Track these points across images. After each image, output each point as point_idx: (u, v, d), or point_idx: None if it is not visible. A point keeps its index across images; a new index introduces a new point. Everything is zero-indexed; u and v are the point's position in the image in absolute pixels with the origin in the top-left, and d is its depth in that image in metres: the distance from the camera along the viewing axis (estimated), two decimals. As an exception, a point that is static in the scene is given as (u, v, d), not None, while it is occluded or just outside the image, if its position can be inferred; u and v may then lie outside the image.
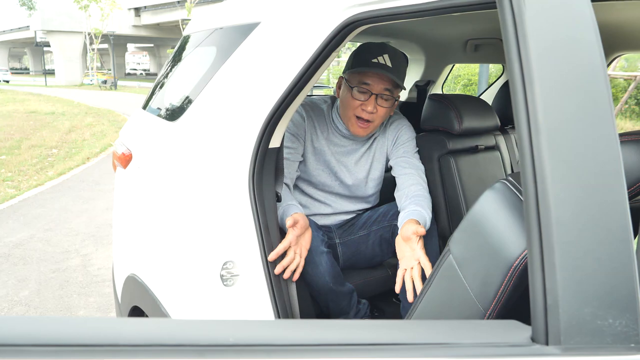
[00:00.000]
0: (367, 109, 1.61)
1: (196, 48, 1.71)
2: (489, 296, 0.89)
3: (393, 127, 1.78)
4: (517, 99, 0.55)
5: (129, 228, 1.74)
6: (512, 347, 0.47)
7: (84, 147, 9.40)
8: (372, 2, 1.04)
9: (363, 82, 1.60)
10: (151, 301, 1.51)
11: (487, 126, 1.77)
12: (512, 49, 0.55)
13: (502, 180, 0.93)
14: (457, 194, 1.67)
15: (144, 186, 1.62)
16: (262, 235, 1.26)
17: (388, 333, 0.50)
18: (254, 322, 0.56)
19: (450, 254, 0.94)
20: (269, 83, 1.24)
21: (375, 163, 1.79)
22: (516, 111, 0.56)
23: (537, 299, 0.49)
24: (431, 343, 0.47)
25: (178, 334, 0.46)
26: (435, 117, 1.73)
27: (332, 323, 0.54)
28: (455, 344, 0.47)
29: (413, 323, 0.60)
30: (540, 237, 0.51)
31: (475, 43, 2.30)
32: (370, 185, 1.81)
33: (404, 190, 1.63)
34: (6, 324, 0.54)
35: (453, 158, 1.68)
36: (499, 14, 0.59)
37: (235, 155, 1.30)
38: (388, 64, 1.57)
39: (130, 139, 1.92)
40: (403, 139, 1.75)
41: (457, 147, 1.72)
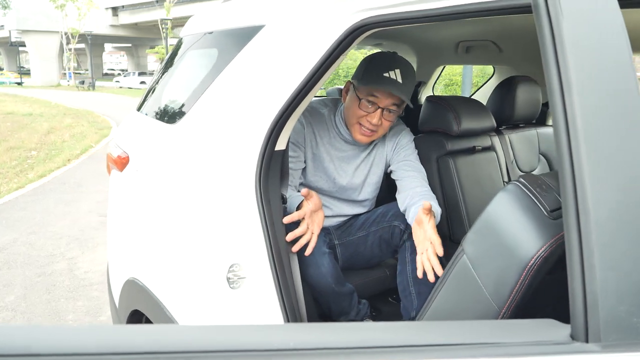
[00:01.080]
0: (372, 121, 1.62)
1: (194, 50, 1.71)
2: (503, 295, 0.91)
3: (392, 133, 1.79)
4: (555, 104, 0.57)
5: (128, 231, 1.73)
6: (554, 345, 0.49)
7: (64, 148, 9.24)
8: (382, 6, 1.05)
9: (372, 94, 1.61)
10: (154, 305, 1.50)
11: (484, 127, 1.80)
12: (550, 55, 0.57)
13: (514, 182, 0.95)
14: (456, 194, 1.69)
15: (145, 189, 1.61)
16: (270, 238, 1.26)
17: (431, 334, 0.52)
18: (293, 325, 0.57)
19: (464, 254, 0.96)
20: (275, 86, 1.25)
21: (374, 168, 1.80)
22: (554, 115, 0.58)
23: (576, 298, 0.50)
24: (476, 343, 0.48)
25: (242, 339, 0.46)
26: (433, 119, 1.75)
27: (378, 325, 0.55)
28: (500, 344, 0.48)
29: (450, 324, 0.62)
30: (579, 239, 0.53)
31: (466, 45, 2.33)
32: (367, 190, 1.82)
33: (409, 192, 1.65)
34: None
35: (452, 159, 1.71)
36: (535, 21, 0.61)
37: (241, 158, 1.31)
38: (399, 79, 1.58)
39: (126, 141, 1.90)
40: (403, 142, 1.77)
41: (456, 148, 1.75)
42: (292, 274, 1.32)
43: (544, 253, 0.87)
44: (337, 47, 1.14)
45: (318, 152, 1.74)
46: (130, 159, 1.80)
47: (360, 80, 1.63)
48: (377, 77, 1.59)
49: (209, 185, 1.39)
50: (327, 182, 1.77)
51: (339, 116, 1.76)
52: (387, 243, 1.78)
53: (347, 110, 1.69)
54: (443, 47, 2.43)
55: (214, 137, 1.40)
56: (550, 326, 0.55)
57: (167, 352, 0.50)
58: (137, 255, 1.65)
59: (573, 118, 0.55)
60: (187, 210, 1.42)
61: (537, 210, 0.91)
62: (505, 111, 1.92)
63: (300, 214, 1.39)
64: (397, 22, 1.07)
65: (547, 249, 0.88)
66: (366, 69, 1.62)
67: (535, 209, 0.91)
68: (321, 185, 1.76)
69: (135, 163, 1.74)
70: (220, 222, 1.34)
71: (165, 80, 1.84)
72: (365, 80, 1.61)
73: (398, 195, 1.71)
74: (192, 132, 1.48)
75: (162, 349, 0.50)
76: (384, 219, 1.79)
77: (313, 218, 1.44)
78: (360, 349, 0.47)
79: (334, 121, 1.76)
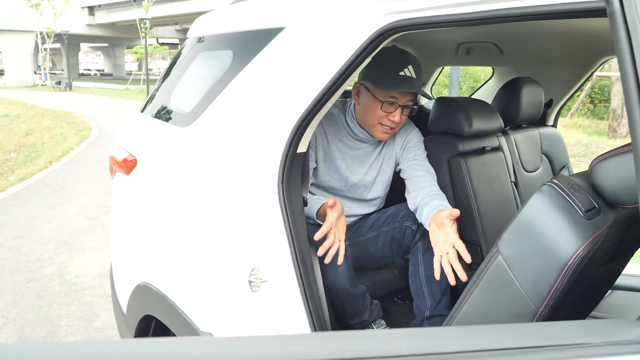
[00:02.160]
0: (395, 120, 1.65)
1: (205, 52, 1.69)
2: (542, 294, 0.93)
3: (402, 132, 1.81)
4: (633, 109, 0.58)
5: (138, 235, 1.71)
6: (634, 345, 0.50)
7: (45, 150, 9.07)
8: (412, 10, 1.05)
9: (391, 95, 1.63)
10: (170, 309, 1.49)
11: (493, 128, 1.83)
12: (627, 60, 0.58)
13: (548, 183, 0.97)
14: (467, 194, 1.71)
15: (158, 192, 1.59)
16: (293, 240, 1.26)
17: (518, 337, 0.52)
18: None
19: (499, 255, 0.98)
20: (298, 89, 1.25)
21: (384, 166, 1.82)
22: (631, 117, 0.59)
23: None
24: (563, 345, 0.49)
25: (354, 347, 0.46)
26: (444, 120, 1.77)
27: (458, 330, 0.55)
28: (585, 344, 0.49)
29: (532, 326, 0.63)
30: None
31: (467, 46, 2.36)
32: (378, 187, 1.84)
33: (419, 191, 1.66)
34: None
35: (463, 159, 1.73)
36: (611, 28, 0.62)
37: (262, 160, 1.30)
38: (413, 75, 1.61)
39: (132, 144, 1.88)
40: (413, 142, 1.79)
41: (467, 148, 1.77)
42: (315, 276, 1.32)
43: (582, 252, 0.89)
44: (364, 50, 1.15)
45: (330, 152, 1.74)
46: (138, 161, 1.77)
47: (377, 83, 1.63)
48: (394, 78, 1.61)
49: (228, 188, 1.38)
50: (339, 180, 1.77)
51: (349, 116, 1.77)
52: (398, 243, 1.79)
53: (365, 111, 1.70)
54: (444, 49, 2.45)
55: (233, 139, 1.39)
56: (626, 326, 0.56)
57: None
58: (150, 260, 1.63)
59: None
60: (207, 213, 1.41)
61: (572, 210, 0.93)
62: (510, 112, 1.95)
63: (328, 226, 1.40)
64: (426, 25, 1.08)
65: (585, 249, 0.90)
66: (380, 69, 1.62)
67: (571, 210, 0.93)
68: (333, 184, 1.77)
69: (144, 166, 1.72)
70: (242, 225, 1.34)
71: (173, 82, 1.82)
72: (384, 83, 1.62)
73: (408, 195, 1.73)
74: (209, 135, 1.47)
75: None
76: (395, 219, 1.80)
77: (338, 226, 1.45)
78: (457, 353, 0.47)
79: (344, 121, 1.77)
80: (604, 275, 1.20)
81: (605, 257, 1.07)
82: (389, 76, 1.62)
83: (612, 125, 9.47)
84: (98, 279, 3.72)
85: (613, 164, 0.96)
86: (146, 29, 25.10)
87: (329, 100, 1.23)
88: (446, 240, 1.35)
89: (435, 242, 1.40)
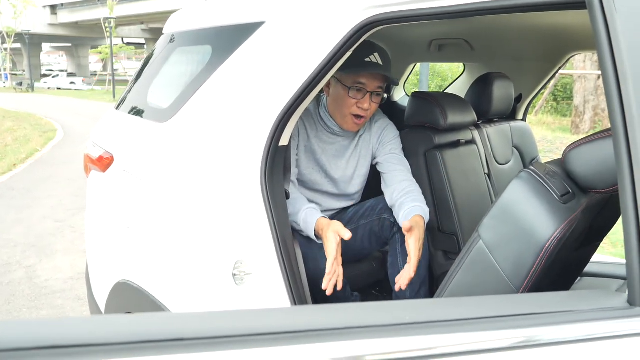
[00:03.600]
0: (364, 107, 1.67)
1: (183, 47, 1.69)
2: (521, 275, 0.97)
3: (377, 126, 1.84)
4: (612, 99, 0.62)
5: (117, 233, 1.69)
6: (615, 311, 0.54)
7: (8, 153, 8.79)
8: (395, 3, 1.08)
9: (358, 81, 1.65)
10: (152, 306, 1.48)
11: (467, 121, 1.88)
12: (605, 52, 0.62)
13: (526, 170, 1.01)
14: (444, 186, 1.76)
15: (137, 189, 1.58)
16: (277, 233, 1.28)
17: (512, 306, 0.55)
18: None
19: (480, 240, 1.01)
20: (280, 82, 1.26)
21: (361, 160, 1.84)
22: (611, 110, 0.62)
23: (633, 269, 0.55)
24: (552, 312, 0.52)
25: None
26: (420, 114, 1.81)
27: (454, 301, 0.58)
28: (572, 311, 0.53)
29: (523, 297, 0.66)
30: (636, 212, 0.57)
31: (439, 43, 2.41)
32: (357, 182, 1.86)
33: (396, 186, 1.70)
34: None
35: (439, 152, 1.77)
36: (590, 19, 0.65)
37: (245, 153, 1.31)
38: (379, 62, 1.64)
39: (109, 141, 1.85)
40: (389, 137, 1.82)
41: (442, 141, 1.82)
42: (299, 267, 1.33)
43: (559, 235, 0.94)
44: (346, 43, 1.17)
45: (310, 145, 1.76)
46: (115, 158, 1.75)
47: (344, 70, 1.65)
48: (360, 63, 1.64)
49: (210, 182, 1.38)
50: (320, 173, 1.79)
51: (322, 109, 1.79)
52: (376, 236, 1.82)
53: (335, 102, 1.72)
54: (416, 45, 2.50)
55: (214, 133, 1.39)
56: (606, 295, 0.60)
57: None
58: (130, 257, 1.62)
59: (630, 113, 0.60)
60: (188, 208, 1.41)
61: (549, 195, 0.97)
62: (482, 106, 2.01)
63: (332, 262, 1.42)
64: (408, 19, 1.10)
65: (562, 231, 0.94)
66: (347, 58, 1.66)
67: (548, 195, 0.97)
68: (314, 177, 1.78)
69: (122, 163, 1.71)
70: (225, 218, 1.34)
71: (149, 78, 1.80)
72: (350, 68, 1.63)
73: (385, 189, 1.76)
74: (188, 130, 1.47)
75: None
76: (374, 212, 1.83)
77: (338, 256, 1.45)
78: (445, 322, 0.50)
79: (319, 115, 1.79)
80: (576, 259, 1.26)
81: (578, 241, 1.12)
82: (354, 62, 1.63)
83: (575, 121, 9.77)
84: (69, 282, 3.64)
85: (585, 151, 1.01)
86: (111, 28, 24.60)
87: (311, 94, 1.25)
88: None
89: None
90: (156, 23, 36.57)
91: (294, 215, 1.56)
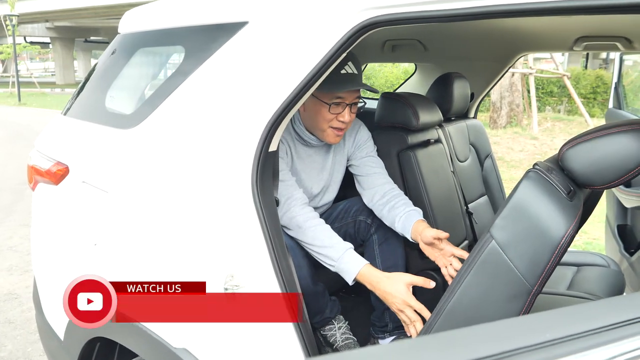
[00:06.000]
0: (345, 120, 1.61)
1: (147, 48, 1.58)
2: (536, 273, 0.99)
3: (350, 130, 1.81)
4: None
5: (79, 250, 1.55)
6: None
7: None
8: (396, 5, 1.06)
9: (337, 96, 1.59)
10: (130, 328, 1.37)
11: (435, 121, 1.92)
12: None
13: (534, 170, 1.03)
14: (418, 186, 1.77)
15: (105, 202, 1.45)
16: (272, 241, 1.22)
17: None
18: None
19: (492, 240, 1.02)
20: (270, 86, 1.20)
21: (337, 166, 1.81)
22: None
23: None
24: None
25: None
26: (392, 115, 1.81)
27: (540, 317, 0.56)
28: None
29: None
30: None
31: (393, 44, 2.44)
32: (334, 188, 1.83)
33: (377, 189, 1.70)
34: None
35: (412, 152, 1.78)
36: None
37: (233, 161, 1.24)
38: (355, 71, 1.60)
39: (60, 150, 1.70)
40: (363, 139, 1.80)
41: (414, 141, 1.84)
42: (293, 278, 1.29)
43: (572, 232, 0.97)
44: (342, 46, 1.14)
45: (294, 166, 1.69)
46: (70, 169, 1.61)
47: (321, 88, 1.50)
48: (337, 78, 1.55)
49: (192, 192, 1.30)
50: (304, 193, 1.73)
51: (296, 123, 1.71)
52: (351, 238, 1.80)
53: (313, 117, 1.64)
54: (369, 45, 2.51)
55: (194, 141, 1.31)
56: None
57: None
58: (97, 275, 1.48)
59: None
60: (169, 222, 1.32)
61: (558, 193, 1.00)
62: (444, 105, 2.05)
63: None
64: (407, 21, 1.09)
65: (574, 228, 0.97)
66: None
67: (557, 193, 1.00)
68: None
69: (80, 174, 1.57)
70: (213, 231, 1.27)
71: (106, 81, 1.67)
72: (328, 86, 1.49)
73: (364, 191, 1.75)
74: (163, 137, 1.37)
75: None
76: (348, 214, 1.81)
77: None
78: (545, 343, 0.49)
79: (292, 128, 1.71)
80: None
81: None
82: (331, 77, 1.46)
83: (493, 117, 10.31)
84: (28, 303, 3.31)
85: (583, 149, 1.05)
86: (14, 26, 22.78)
87: (303, 97, 1.21)
88: (444, 253, 1.53)
89: (434, 256, 1.56)
90: (62, 21, 34.32)
91: (319, 246, 1.52)
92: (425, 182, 1.78)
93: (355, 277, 1.45)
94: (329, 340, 1.74)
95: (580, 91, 12.18)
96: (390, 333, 1.76)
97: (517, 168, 7.41)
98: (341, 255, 1.48)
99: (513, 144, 8.80)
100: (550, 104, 12.77)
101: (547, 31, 2.05)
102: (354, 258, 1.47)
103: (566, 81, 10.61)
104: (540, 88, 12.32)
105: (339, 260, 1.48)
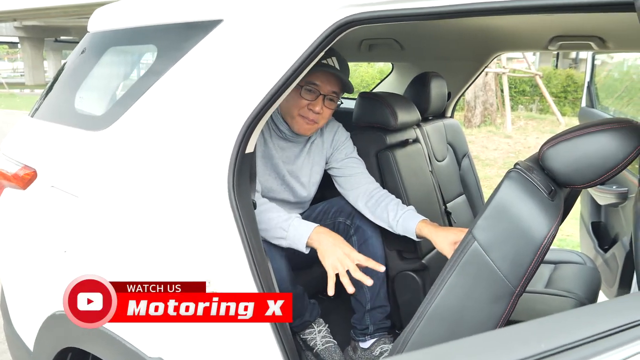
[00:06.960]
0: (315, 109, 1.59)
1: (117, 47, 1.52)
2: (519, 274, 0.98)
3: (328, 130, 1.79)
4: None
5: (49, 257, 1.49)
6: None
7: None
8: (374, 2, 1.05)
9: (312, 82, 1.58)
10: (103, 337, 1.32)
11: (413, 120, 1.91)
12: None
13: (515, 170, 1.02)
14: (397, 186, 1.76)
15: (74, 207, 1.40)
16: (249, 245, 1.19)
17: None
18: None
19: (474, 241, 1.01)
20: (246, 87, 1.17)
21: (315, 167, 1.78)
22: None
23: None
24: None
25: None
26: (370, 115, 1.80)
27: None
28: None
29: None
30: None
31: (369, 43, 2.42)
32: (311, 189, 1.80)
33: (361, 189, 1.68)
34: None
35: (391, 152, 1.77)
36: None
37: (208, 163, 1.21)
38: (336, 66, 1.58)
39: (27, 154, 1.63)
40: (342, 140, 1.77)
41: (393, 141, 1.82)
42: (272, 282, 1.26)
43: (554, 232, 0.96)
44: (320, 44, 1.12)
45: (267, 150, 1.67)
46: (38, 173, 1.55)
47: None
48: (316, 64, 1.56)
49: (166, 196, 1.26)
50: (277, 180, 1.70)
51: (275, 113, 1.70)
52: (331, 240, 1.78)
53: (287, 102, 1.61)
54: (346, 45, 2.49)
55: (168, 143, 1.27)
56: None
57: None
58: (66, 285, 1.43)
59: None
60: (142, 227, 1.28)
61: (539, 193, 0.99)
62: (421, 105, 2.04)
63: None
64: (385, 19, 1.08)
65: (555, 228, 0.97)
66: None
67: (538, 193, 0.99)
68: (270, 184, 1.69)
69: (49, 178, 1.51)
70: (186, 237, 1.23)
71: (75, 81, 1.61)
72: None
73: (347, 192, 1.73)
74: (135, 139, 1.33)
75: None
76: (327, 216, 1.79)
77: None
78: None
79: (271, 118, 1.70)
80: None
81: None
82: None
83: (467, 116, 10.42)
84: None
85: (563, 148, 1.04)
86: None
87: (281, 97, 1.18)
88: None
89: None
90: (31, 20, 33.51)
91: (268, 222, 1.48)
92: (404, 182, 1.77)
93: (307, 242, 1.47)
94: (309, 344, 1.71)
95: (552, 90, 12.39)
96: (371, 336, 1.74)
97: (491, 166, 7.50)
98: (290, 223, 1.48)
99: (487, 142, 8.91)
100: (522, 103, 12.97)
101: (522, 31, 2.06)
102: (303, 223, 1.49)
103: (538, 80, 10.80)
104: (513, 87, 12.50)
105: (288, 229, 1.47)
